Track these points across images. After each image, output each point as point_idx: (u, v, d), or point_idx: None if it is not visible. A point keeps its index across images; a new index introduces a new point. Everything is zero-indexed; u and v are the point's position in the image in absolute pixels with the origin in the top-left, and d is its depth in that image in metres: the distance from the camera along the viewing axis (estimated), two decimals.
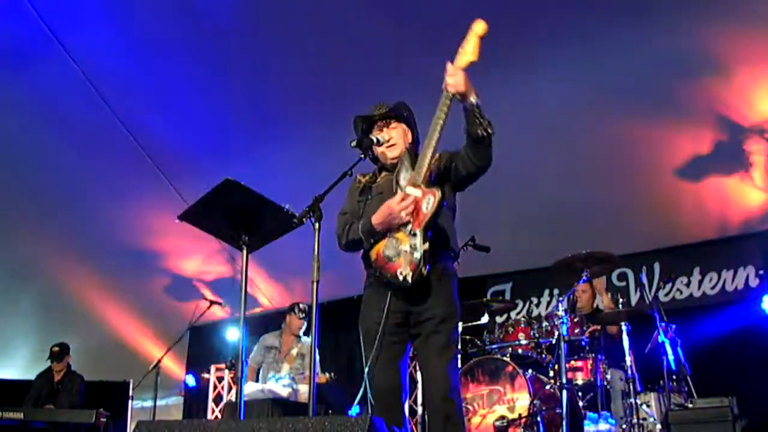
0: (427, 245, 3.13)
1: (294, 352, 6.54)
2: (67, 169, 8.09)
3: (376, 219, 3.24)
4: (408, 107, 3.59)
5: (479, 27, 3.09)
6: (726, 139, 6.63)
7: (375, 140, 3.44)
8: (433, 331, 3.21)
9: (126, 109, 7.51)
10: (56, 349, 7.64)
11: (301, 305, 6.67)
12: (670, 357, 5.46)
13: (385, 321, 3.22)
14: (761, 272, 7.15)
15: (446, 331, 3.23)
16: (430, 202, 3.14)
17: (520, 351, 5.61)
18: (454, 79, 3.07)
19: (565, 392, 4.86)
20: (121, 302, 9.88)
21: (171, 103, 7.49)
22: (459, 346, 3.28)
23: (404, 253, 3.17)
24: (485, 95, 3.09)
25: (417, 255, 3.13)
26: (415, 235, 3.16)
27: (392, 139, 3.48)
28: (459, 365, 5.62)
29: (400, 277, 3.17)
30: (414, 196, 3.17)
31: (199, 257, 9.51)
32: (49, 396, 7.46)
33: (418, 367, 5.78)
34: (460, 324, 5.93)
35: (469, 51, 3.08)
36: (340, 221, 3.51)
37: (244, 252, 3.40)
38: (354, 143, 3.37)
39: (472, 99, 3.07)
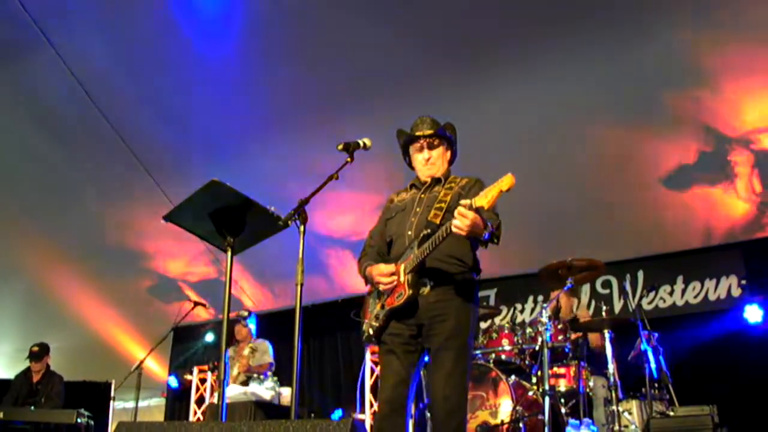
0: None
1: (246, 351, 6.61)
2: (52, 167, 8.01)
3: (369, 270, 3.44)
4: (453, 127, 3.63)
5: (507, 183, 2.92)
6: (711, 150, 6.68)
7: (362, 144, 3.44)
8: (442, 346, 3.25)
9: (113, 109, 7.46)
10: (36, 348, 7.52)
11: (239, 313, 6.82)
12: (653, 365, 5.48)
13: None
14: (744, 282, 7.20)
15: (455, 348, 3.25)
16: (402, 296, 3.27)
17: (503, 357, 5.62)
18: (462, 222, 2.97)
19: (547, 398, 4.87)
20: (104, 302, 9.81)
21: (159, 103, 7.45)
22: (469, 363, 3.33)
23: (371, 314, 3.43)
24: (474, 103, 3.07)
25: (374, 323, 3.37)
26: (383, 308, 3.35)
27: (432, 158, 3.57)
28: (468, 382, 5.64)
29: (364, 326, 3.46)
30: (396, 280, 3.31)
31: (184, 258, 9.46)
32: (29, 396, 7.36)
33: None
34: None
35: (488, 197, 2.93)
36: (365, 243, 3.68)
37: (229, 254, 3.39)
38: (341, 146, 3.39)
39: (479, 235, 3.06)
